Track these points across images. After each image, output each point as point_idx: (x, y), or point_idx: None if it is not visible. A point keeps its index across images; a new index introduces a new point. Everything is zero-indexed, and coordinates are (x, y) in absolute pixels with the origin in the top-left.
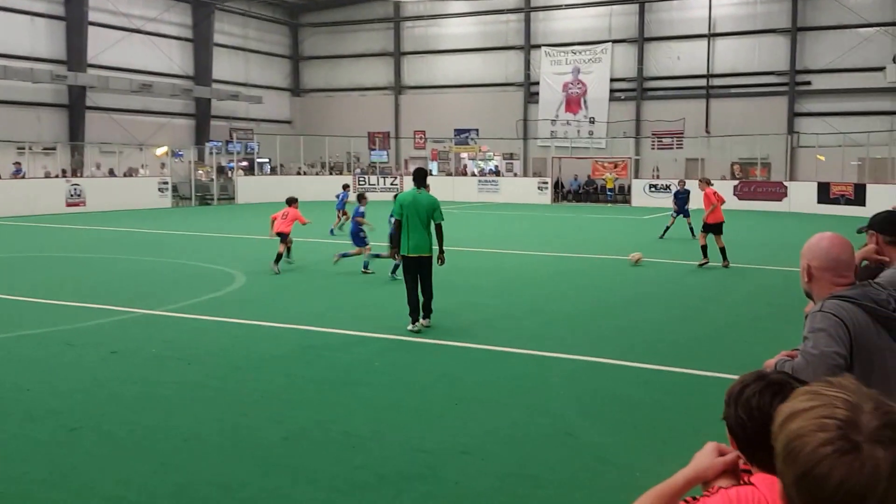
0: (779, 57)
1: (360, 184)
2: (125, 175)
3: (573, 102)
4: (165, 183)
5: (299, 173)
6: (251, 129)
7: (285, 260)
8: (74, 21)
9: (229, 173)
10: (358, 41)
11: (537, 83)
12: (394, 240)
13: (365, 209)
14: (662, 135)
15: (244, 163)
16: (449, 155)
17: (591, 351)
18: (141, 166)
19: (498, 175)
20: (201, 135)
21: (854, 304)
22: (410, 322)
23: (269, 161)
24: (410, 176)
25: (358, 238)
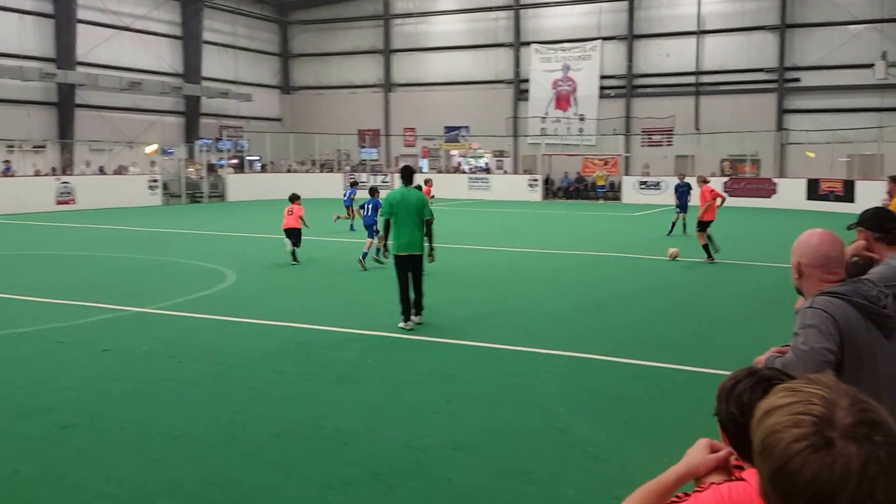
0: (768, 54)
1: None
2: (115, 173)
3: (563, 100)
4: (155, 181)
5: (289, 171)
6: (241, 127)
7: (290, 261)
8: (63, 19)
9: (219, 171)
10: (347, 38)
11: (527, 80)
12: (384, 231)
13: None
14: (652, 132)
15: (234, 160)
16: (439, 152)
17: (583, 347)
18: (131, 164)
19: (488, 172)
20: (191, 132)
21: (844, 301)
22: (402, 320)
23: (260, 159)
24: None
25: (372, 231)
